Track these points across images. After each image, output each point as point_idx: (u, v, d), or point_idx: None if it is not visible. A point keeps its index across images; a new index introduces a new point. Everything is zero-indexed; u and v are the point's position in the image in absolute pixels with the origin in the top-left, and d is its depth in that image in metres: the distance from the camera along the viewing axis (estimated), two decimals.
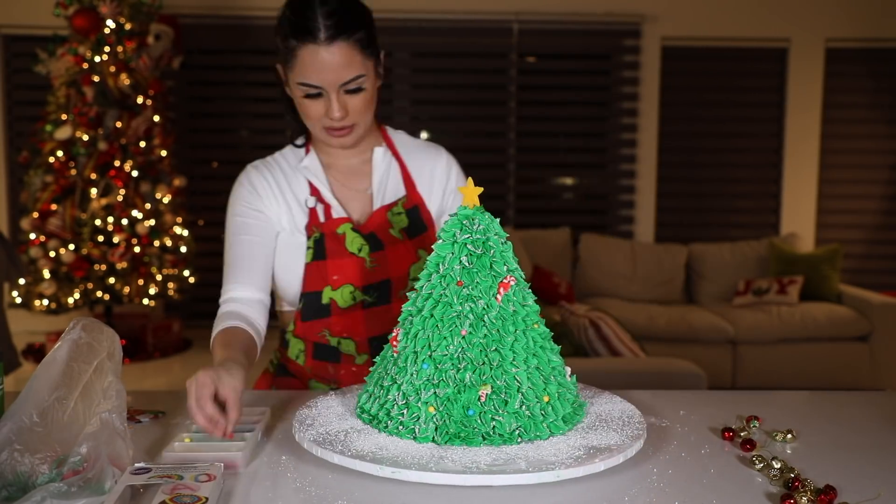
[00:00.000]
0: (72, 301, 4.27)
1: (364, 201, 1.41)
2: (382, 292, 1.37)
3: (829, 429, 1.12)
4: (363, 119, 1.31)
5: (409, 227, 1.40)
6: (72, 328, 0.97)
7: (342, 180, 1.41)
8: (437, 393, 0.96)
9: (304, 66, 1.24)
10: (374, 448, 0.93)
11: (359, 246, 1.34)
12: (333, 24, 1.22)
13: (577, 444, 0.94)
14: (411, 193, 1.42)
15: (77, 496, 0.82)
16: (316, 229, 1.34)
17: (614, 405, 1.09)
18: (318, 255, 1.34)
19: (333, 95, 1.26)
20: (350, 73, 1.25)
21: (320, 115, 1.28)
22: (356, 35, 1.25)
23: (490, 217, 1.03)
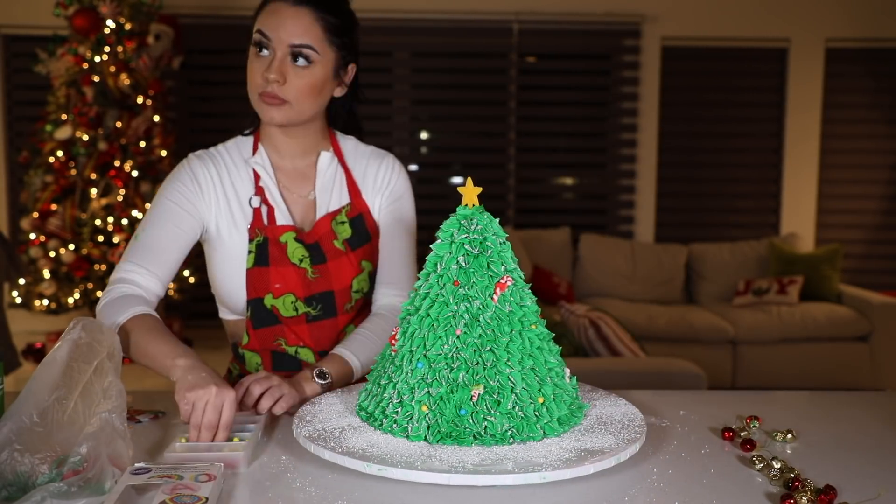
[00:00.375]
0: (72, 301, 4.27)
1: (307, 207, 1.37)
2: (326, 304, 1.34)
3: (829, 429, 1.12)
4: (300, 101, 1.27)
5: (353, 238, 1.36)
6: (72, 328, 0.97)
7: (287, 183, 1.37)
8: (431, 392, 0.96)
9: (265, 16, 1.27)
10: (366, 446, 0.94)
11: (300, 257, 1.31)
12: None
13: (570, 447, 0.94)
14: (355, 201, 1.39)
15: (77, 496, 0.82)
16: (259, 232, 1.31)
17: (616, 407, 1.09)
18: (260, 260, 1.30)
19: (279, 54, 1.25)
20: (302, 39, 1.25)
21: (261, 75, 1.26)
22: (326, 15, 1.26)
23: (489, 217, 1.03)
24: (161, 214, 1.30)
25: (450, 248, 1.02)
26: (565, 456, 0.91)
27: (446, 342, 0.98)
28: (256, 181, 1.34)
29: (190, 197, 1.31)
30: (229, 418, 1.02)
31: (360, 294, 1.37)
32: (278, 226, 1.32)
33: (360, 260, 1.36)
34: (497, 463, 0.88)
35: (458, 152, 5.37)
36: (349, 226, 1.36)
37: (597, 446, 0.94)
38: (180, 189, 1.32)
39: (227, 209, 1.33)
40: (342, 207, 1.37)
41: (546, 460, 0.89)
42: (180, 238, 1.30)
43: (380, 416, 1.00)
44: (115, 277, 1.28)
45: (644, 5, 5.09)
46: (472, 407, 0.95)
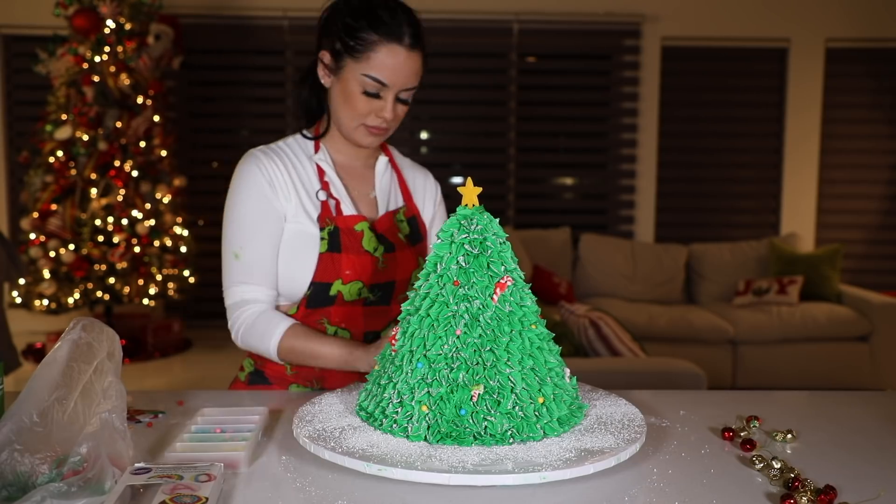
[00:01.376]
0: (72, 301, 4.27)
1: (370, 204, 1.42)
2: (385, 292, 1.38)
3: (829, 429, 1.12)
4: (396, 125, 1.36)
5: (411, 234, 1.44)
6: (72, 328, 0.97)
7: (348, 181, 1.42)
8: (431, 392, 0.96)
9: (380, 63, 1.27)
10: (366, 446, 0.94)
11: (375, 245, 1.36)
12: (416, 33, 1.29)
13: (570, 447, 0.94)
14: (409, 204, 1.47)
15: (77, 496, 0.82)
16: (330, 221, 1.34)
17: (617, 407, 1.09)
18: (332, 247, 1.33)
19: (390, 97, 1.29)
20: (414, 81, 1.31)
21: (369, 111, 1.30)
22: (425, 49, 1.32)
23: (489, 217, 1.03)
24: (254, 228, 1.32)
25: (450, 248, 1.02)
26: (565, 456, 0.91)
27: (446, 342, 0.98)
28: (321, 176, 1.38)
29: (269, 197, 1.33)
30: None
31: None
32: (350, 216, 1.36)
33: (417, 255, 1.42)
34: (497, 463, 0.88)
35: (458, 152, 5.37)
36: (407, 224, 1.44)
37: (597, 446, 0.94)
38: (257, 193, 1.33)
39: (297, 199, 1.35)
40: (399, 208, 1.44)
41: (546, 460, 0.89)
42: (276, 242, 1.34)
43: (380, 416, 1.00)
44: (235, 301, 1.33)
45: (644, 5, 5.09)
46: (472, 407, 0.95)
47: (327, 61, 1.33)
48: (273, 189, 1.33)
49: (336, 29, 1.30)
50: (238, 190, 1.34)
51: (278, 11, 5.01)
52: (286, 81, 5.15)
